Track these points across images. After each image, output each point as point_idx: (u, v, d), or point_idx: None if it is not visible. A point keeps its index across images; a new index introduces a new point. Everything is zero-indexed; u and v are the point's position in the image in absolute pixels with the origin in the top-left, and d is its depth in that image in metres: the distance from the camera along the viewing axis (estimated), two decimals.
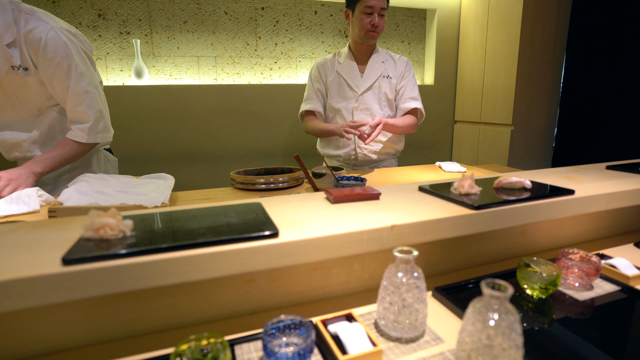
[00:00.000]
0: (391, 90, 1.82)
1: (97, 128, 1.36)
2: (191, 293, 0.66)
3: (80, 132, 1.33)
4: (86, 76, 1.31)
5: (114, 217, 0.60)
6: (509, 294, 0.49)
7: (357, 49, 1.80)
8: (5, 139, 1.35)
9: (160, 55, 2.49)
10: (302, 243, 0.60)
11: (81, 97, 1.30)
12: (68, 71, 1.26)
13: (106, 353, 0.60)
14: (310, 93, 1.87)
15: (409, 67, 1.85)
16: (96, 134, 1.36)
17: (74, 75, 1.27)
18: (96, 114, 1.35)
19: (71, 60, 1.26)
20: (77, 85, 1.28)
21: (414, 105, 1.80)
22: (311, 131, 1.83)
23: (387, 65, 1.82)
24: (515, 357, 0.48)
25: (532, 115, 2.56)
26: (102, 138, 1.39)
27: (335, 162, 1.91)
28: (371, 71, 1.80)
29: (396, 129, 1.72)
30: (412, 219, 0.69)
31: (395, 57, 1.86)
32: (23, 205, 1.10)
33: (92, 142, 1.36)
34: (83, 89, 1.30)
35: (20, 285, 0.48)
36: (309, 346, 0.51)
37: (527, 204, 0.78)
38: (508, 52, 2.47)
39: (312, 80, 1.87)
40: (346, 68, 1.81)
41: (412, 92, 1.82)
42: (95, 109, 1.34)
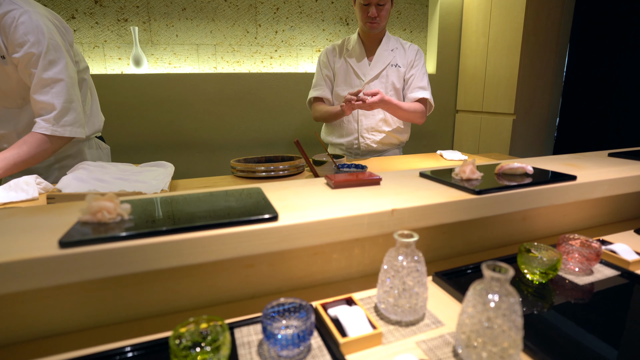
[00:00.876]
0: (399, 79, 1.77)
1: (65, 119, 1.23)
2: (190, 277, 0.65)
3: (44, 123, 1.20)
4: (57, 64, 1.21)
5: (112, 201, 0.60)
6: (509, 276, 0.48)
7: (365, 36, 1.76)
8: None
9: (159, 43, 2.46)
10: (302, 227, 0.59)
11: (47, 85, 1.19)
12: (37, 58, 1.17)
13: (106, 336, 0.60)
14: (319, 79, 1.84)
15: (419, 56, 1.79)
16: (64, 125, 1.22)
17: (42, 63, 1.17)
18: (65, 104, 1.22)
19: (42, 47, 1.17)
20: (44, 72, 1.18)
21: (421, 95, 1.74)
22: (319, 116, 1.80)
23: (397, 53, 1.77)
24: (515, 338, 0.48)
25: (534, 105, 2.54)
26: (72, 132, 1.25)
27: (338, 151, 1.89)
28: (379, 59, 1.75)
29: (400, 111, 1.66)
30: (413, 203, 0.68)
31: (405, 45, 1.80)
32: (22, 192, 1.10)
33: (60, 136, 1.23)
34: (51, 77, 1.19)
35: (17, 267, 0.48)
36: (308, 328, 0.51)
37: (529, 189, 0.77)
38: (511, 40, 2.43)
39: (320, 66, 1.84)
40: (354, 55, 1.77)
41: (421, 81, 1.77)
42: (65, 98, 1.22)
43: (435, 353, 0.54)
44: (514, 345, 0.48)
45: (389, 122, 1.80)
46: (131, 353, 0.53)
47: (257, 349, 0.55)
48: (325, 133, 1.94)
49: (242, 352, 0.54)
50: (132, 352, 0.53)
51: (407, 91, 1.79)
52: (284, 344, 0.50)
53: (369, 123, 1.79)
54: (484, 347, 0.49)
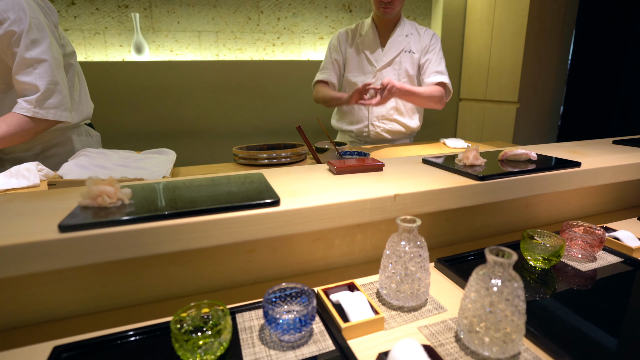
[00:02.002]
0: (412, 66, 1.71)
1: (49, 102, 1.17)
2: (192, 262, 0.65)
3: (25, 104, 1.14)
4: (41, 44, 1.15)
5: (112, 185, 0.59)
6: (513, 260, 0.48)
7: (380, 21, 1.68)
8: None
9: (161, 30, 2.44)
10: (304, 211, 0.59)
11: (30, 66, 1.13)
12: (19, 37, 1.11)
13: (107, 321, 0.60)
14: (327, 63, 1.78)
15: (434, 40, 1.72)
16: (47, 108, 1.16)
17: (24, 42, 1.11)
18: (48, 85, 1.16)
19: (23, 26, 1.11)
20: (26, 52, 1.12)
21: (439, 79, 1.66)
22: (319, 98, 1.75)
23: (411, 39, 1.70)
24: (518, 323, 0.48)
25: (538, 93, 2.51)
26: (56, 115, 1.19)
27: (348, 138, 1.85)
28: (392, 45, 1.68)
29: (416, 97, 1.58)
30: (416, 189, 0.68)
31: (420, 30, 1.72)
32: (23, 179, 1.09)
33: (41, 118, 1.16)
34: (33, 57, 1.13)
35: (17, 251, 0.47)
36: (310, 313, 0.51)
37: (533, 176, 0.77)
38: (515, 27, 2.39)
39: (330, 49, 1.78)
40: (367, 41, 1.70)
41: (438, 65, 1.69)
42: (49, 79, 1.16)
43: (437, 338, 0.54)
44: (517, 330, 0.48)
45: (401, 111, 1.75)
46: (132, 337, 0.53)
47: (258, 333, 0.55)
48: (336, 120, 1.89)
49: (243, 337, 0.54)
50: (133, 336, 0.53)
51: (424, 76, 1.71)
52: (286, 329, 0.50)
53: (380, 111, 1.74)
54: (486, 332, 0.49)
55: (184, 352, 0.47)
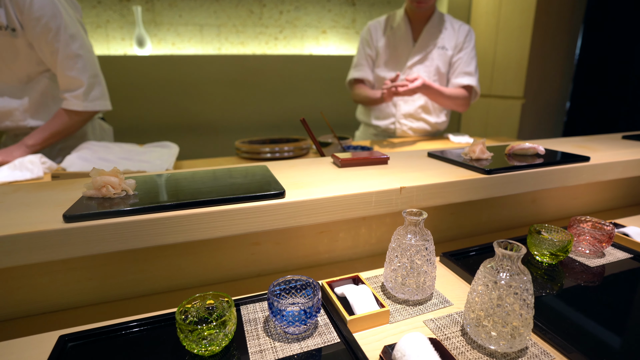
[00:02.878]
0: (444, 64, 1.63)
1: (93, 94, 1.27)
2: (196, 254, 0.65)
3: (74, 100, 1.23)
4: (77, 38, 1.22)
5: (116, 176, 0.59)
6: (521, 254, 0.47)
7: (412, 14, 1.59)
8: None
9: (162, 24, 2.42)
10: (309, 203, 0.58)
11: (72, 60, 1.21)
12: (57, 32, 1.17)
13: (111, 312, 0.60)
14: (361, 59, 1.70)
15: (469, 38, 1.63)
16: (93, 100, 1.27)
17: (64, 37, 1.18)
18: (90, 79, 1.25)
19: (60, 21, 1.17)
20: (67, 47, 1.19)
21: (467, 82, 1.60)
22: (360, 101, 1.70)
23: (445, 34, 1.61)
24: (526, 317, 0.47)
25: (544, 88, 2.49)
26: (101, 105, 1.30)
27: (372, 131, 1.80)
28: (425, 41, 1.60)
29: (441, 98, 1.54)
30: (422, 181, 0.67)
31: (455, 25, 1.63)
32: (26, 171, 1.09)
33: (90, 110, 1.27)
34: (74, 52, 1.20)
35: (22, 240, 0.47)
36: (315, 305, 0.51)
37: (541, 170, 0.76)
38: (522, 20, 2.36)
39: (362, 44, 1.70)
40: (398, 34, 1.62)
41: (468, 66, 1.61)
42: (89, 73, 1.25)
43: (443, 332, 0.54)
44: (525, 324, 0.47)
45: (429, 110, 1.69)
46: (137, 328, 0.53)
47: (263, 325, 0.54)
48: (362, 114, 1.83)
49: (248, 329, 0.53)
50: (138, 327, 0.53)
51: (452, 76, 1.65)
52: (291, 321, 0.50)
53: (408, 109, 1.68)
54: (494, 325, 0.48)
55: (189, 343, 0.46)
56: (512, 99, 2.53)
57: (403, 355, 0.45)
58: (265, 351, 0.49)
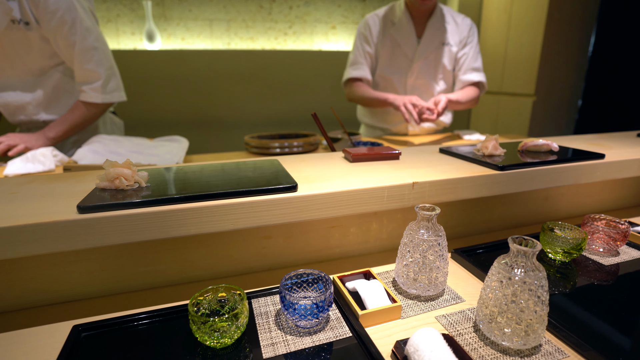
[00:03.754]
0: (450, 61, 1.57)
1: (110, 86, 1.30)
2: (207, 247, 0.65)
3: (92, 92, 1.26)
4: (93, 31, 1.23)
5: (129, 168, 0.59)
6: (537, 250, 0.46)
7: (414, 8, 1.50)
8: (8, 101, 1.28)
9: (172, 18, 2.43)
10: (321, 197, 0.58)
11: (89, 53, 1.23)
12: (72, 25, 1.18)
13: (123, 304, 0.61)
14: (358, 56, 1.58)
15: (472, 32, 1.57)
16: (110, 92, 1.29)
17: (80, 30, 1.19)
18: (107, 71, 1.28)
19: (75, 14, 1.18)
20: (84, 40, 1.21)
21: (477, 79, 1.56)
22: (359, 99, 1.58)
23: (449, 29, 1.54)
24: (541, 314, 0.47)
25: (555, 85, 2.45)
26: (118, 97, 1.33)
27: (378, 133, 1.75)
28: (430, 37, 1.52)
29: (459, 105, 1.51)
30: (434, 177, 0.66)
31: (458, 19, 1.56)
32: (38, 164, 1.11)
33: (108, 102, 1.30)
34: (91, 45, 1.22)
35: (37, 230, 0.47)
36: (327, 299, 0.50)
37: (555, 167, 0.75)
38: (534, 17, 2.33)
39: (360, 40, 1.57)
40: (401, 31, 1.52)
41: (475, 61, 1.57)
42: (106, 65, 1.28)
43: (455, 328, 0.53)
44: (539, 321, 0.47)
45: None
46: (150, 319, 0.53)
47: (274, 319, 0.54)
48: (366, 116, 1.76)
49: (259, 322, 0.54)
50: (151, 318, 0.53)
51: (459, 72, 1.59)
52: (303, 314, 0.50)
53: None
54: (507, 322, 0.48)
55: (202, 335, 0.46)
56: (523, 96, 2.50)
57: (416, 350, 0.44)
58: (277, 344, 0.49)
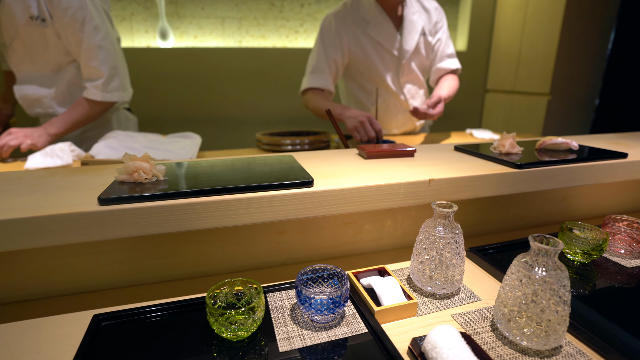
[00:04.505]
0: (428, 53, 1.47)
1: (111, 85, 1.31)
2: (223, 241, 0.66)
3: (94, 90, 1.27)
4: (101, 30, 1.25)
5: (147, 162, 0.60)
6: (559, 249, 0.46)
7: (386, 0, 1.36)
8: (27, 94, 1.32)
9: (185, 16, 2.44)
10: (337, 193, 0.58)
11: (94, 51, 1.24)
12: (83, 23, 1.21)
13: (140, 295, 0.61)
14: (321, 63, 1.37)
15: (442, 15, 1.47)
16: (111, 91, 1.30)
17: (88, 28, 1.21)
18: (110, 70, 1.29)
19: (86, 12, 1.21)
20: (90, 38, 1.22)
21: (455, 66, 1.48)
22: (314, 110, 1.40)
23: (422, 17, 1.43)
24: (563, 314, 0.46)
25: (572, 84, 2.40)
26: (118, 97, 1.34)
27: None
28: (409, 28, 1.39)
29: (450, 99, 1.43)
30: (450, 174, 0.65)
31: (426, 4, 1.45)
32: (57, 158, 1.13)
33: (108, 101, 1.31)
34: (97, 43, 1.24)
35: (60, 221, 0.48)
36: (343, 295, 0.50)
37: (575, 165, 0.73)
38: (552, 13, 2.29)
39: (324, 43, 1.36)
40: (376, 26, 1.37)
41: (449, 47, 1.49)
42: (110, 65, 1.28)
43: (472, 326, 0.53)
44: (561, 321, 0.46)
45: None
46: (167, 311, 0.54)
47: (289, 313, 0.54)
48: None
49: (275, 316, 0.54)
50: (168, 310, 0.54)
51: (435, 60, 1.49)
52: (319, 309, 0.50)
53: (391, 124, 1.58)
54: (527, 322, 0.47)
55: (219, 327, 0.47)
56: (538, 95, 2.46)
57: (434, 347, 0.44)
58: (292, 338, 0.49)
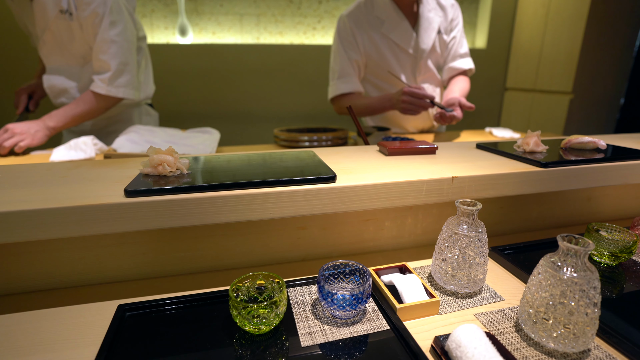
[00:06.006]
0: (442, 51, 1.45)
1: (119, 80, 1.30)
2: (244, 235, 0.66)
3: (99, 83, 1.28)
4: (117, 26, 1.27)
5: (172, 155, 0.61)
6: (589, 249, 0.44)
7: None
8: (54, 84, 1.35)
9: (204, 13, 2.46)
10: (360, 189, 0.57)
11: (107, 45, 1.26)
12: (101, 18, 1.23)
13: (162, 287, 0.62)
14: (346, 66, 1.39)
15: (457, 12, 1.44)
16: (118, 87, 1.30)
17: (105, 23, 1.24)
18: (119, 65, 1.28)
19: (106, 8, 1.23)
20: (105, 32, 1.24)
21: (468, 66, 1.45)
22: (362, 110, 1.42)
23: (437, 15, 1.40)
24: (593, 317, 0.45)
25: (596, 83, 2.34)
26: (125, 93, 1.32)
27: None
28: (427, 26, 1.37)
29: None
30: (473, 172, 0.64)
31: (442, 1, 1.41)
32: (80, 151, 1.15)
33: (113, 96, 1.30)
34: (110, 37, 1.25)
35: (88, 212, 0.49)
36: (366, 291, 0.50)
37: (604, 165, 0.71)
38: (576, 10, 2.22)
39: (343, 45, 1.38)
40: (392, 25, 1.35)
41: (463, 46, 1.46)
42: (119, 60, 1.28)
43: (495, 326, 0.52)
44: (590, 324, 0.45)
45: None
46: (190, 303, 0.54)
47: (311, 308, 0.54)
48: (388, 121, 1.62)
49: (296, 310, 0.54)
50: (191, 302, 0.55)
51: (448, 59, 1.47)
52: (342, 305, 0.49)
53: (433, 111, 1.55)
54: (555, 323, 0.46)
55: (242, 320, 0.47)
56: (559, 93, 2.40)
57: (458, 346, 0.43)
58: (314, 333, 0.49)
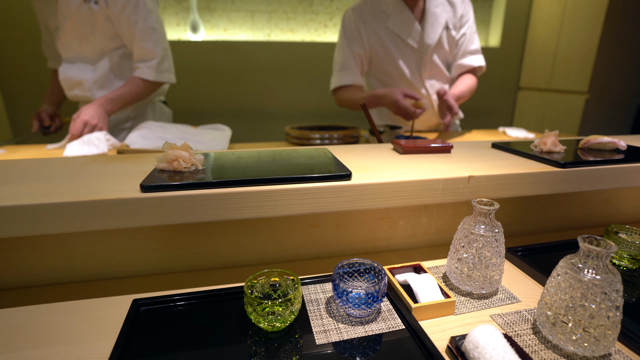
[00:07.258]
0: (451, 48, 1.42)
1: (164, 66, 1.36)
2: (258, 232, 0.66)
3: (147, 70, 1.33)
4: (153, 12, 1.31)
5: (187, 151, 0.61)
6: (611, 251, 0.43)
7: None
8: (70, 75, 1.37)
9: (215, 10, 2.47)
10: (375, 187, 0.57)
11: (149, 33, 1.30)
12: (136, 5, 1.26)
13: (176, 282, 0.62)
14: (348, 59, 1.39)
15: (468, 8, 1.40)
16: (163, 72, 1.36)
17: (143, 10, 1.27)
18: (162, 52, 1.35)
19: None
20: (145, 21, 1.28)
21: (477, 63, 1.41)
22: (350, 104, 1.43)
23: (445, 10, 1.37)
24: (614, 320, 0.44)
25: (612, 83, 2.29)
26: (168, 78, 1.40)
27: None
28: (431, 20, 1.34)
29: (463, 99, 1.39)
30: (489, 172, 0.63)
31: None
32: (93, 147, 1.16)
33: (159, 81, 1.36)
34: (150, 25, 1.29)
35: (104, 206, 0.49)
36: (381, 290, 0.50)
37: (624, 166, 0.69)
38: (593, 8, 2.18)
39: (347, 38, 1.39)
40: (396, 19, 1.33)
41: (473, 42, 1.42)
42: (162, 46, 1.34)
43: (512, 328, 0.51)
44: (612, 327, 0.44)
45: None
46: (204, 299, 0.55)
47: (325, 306, 0.54)
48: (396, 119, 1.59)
49: (310, 308, 0.54)
50: (204, 298, 0.55)
51: (457, 56, 1.43)
52: (357, 303, 0.49)
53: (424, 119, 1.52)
54: (575, 326, 0.45)
55: (257, 317, 0.47)
56: (575, 93, 2.36)
57: (476, 347, 0.43)
58: (329, 331, 0.49)
